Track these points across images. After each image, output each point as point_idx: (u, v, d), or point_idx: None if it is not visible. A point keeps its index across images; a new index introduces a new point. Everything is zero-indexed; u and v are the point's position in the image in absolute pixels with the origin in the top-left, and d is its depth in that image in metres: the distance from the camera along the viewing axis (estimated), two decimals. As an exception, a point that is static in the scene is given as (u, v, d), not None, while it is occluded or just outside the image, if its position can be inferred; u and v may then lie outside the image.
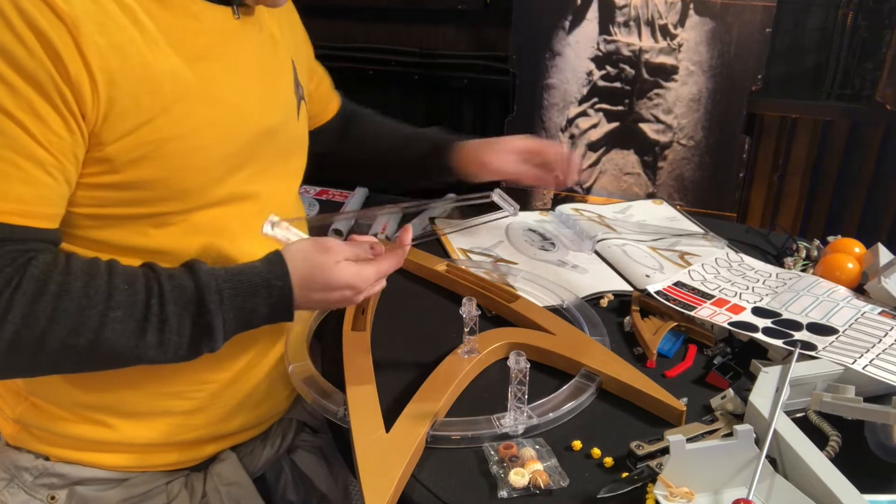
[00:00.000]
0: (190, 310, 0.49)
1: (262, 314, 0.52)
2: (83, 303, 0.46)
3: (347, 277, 0.53)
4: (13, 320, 0.44)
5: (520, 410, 0.52)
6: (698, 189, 1.37)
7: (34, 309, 0.45)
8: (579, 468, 0.49)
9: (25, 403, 0.57)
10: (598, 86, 1.44)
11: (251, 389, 0.62)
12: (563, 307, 0.69)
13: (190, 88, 0.50)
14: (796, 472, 0.46)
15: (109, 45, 0.45)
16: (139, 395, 0.57)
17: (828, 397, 0.50)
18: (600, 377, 0.56)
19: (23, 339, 0.45)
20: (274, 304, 0.52)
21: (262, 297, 0.51)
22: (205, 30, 0.52)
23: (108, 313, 0.46)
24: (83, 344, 0.46)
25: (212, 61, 0.52)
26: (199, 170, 0.52)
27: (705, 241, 0.85)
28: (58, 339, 0.45)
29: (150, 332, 0.48)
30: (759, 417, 0.50)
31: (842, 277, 0.71)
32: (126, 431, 0.57)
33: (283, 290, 0.52)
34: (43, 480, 0.58)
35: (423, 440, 0.50)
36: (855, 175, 1.28)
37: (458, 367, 0.57)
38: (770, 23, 1.23)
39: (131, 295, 0.48)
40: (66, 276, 0.47)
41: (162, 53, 0.49)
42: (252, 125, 0.56)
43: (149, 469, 0.60)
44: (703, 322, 0.66)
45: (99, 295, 0.47)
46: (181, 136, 0.50)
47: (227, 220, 0.56)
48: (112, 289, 0.47)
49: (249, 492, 0.64)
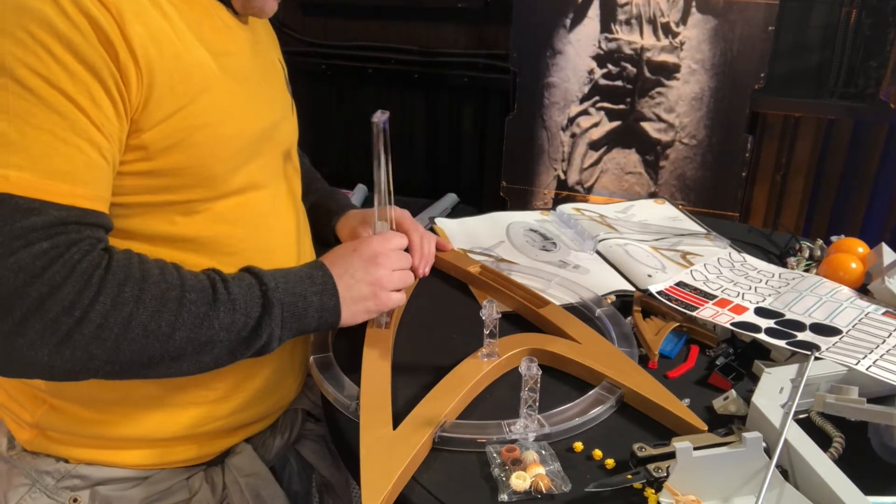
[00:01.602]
0: (253, 293, 0.52)
1: (312, 304, 0.55)
2: (162, 286, 0.48)
3: (375, 247, 0.60)
4: (104, 302, 0.44)
5: (531, 417, 0.51)
6: (700, 188, 1.36)
7: (122, 292, 0.45)
8: (582, 472, 0.49)
9: (45, 406, 0.57)
10: (599, 84, 1.43)
11: (264, 379, 0.63)
12: (595, 316, 0.68)
13: (215, 79, 0.53)
14: (807, 482, 0.45)
15: (148, 34, 0.47)
16: (161, 387, 0.57)
17: (831, 398, 0.50)
18: (622, 390, 0.55)
19: (109, 324, 0.45)
20: (320, 293, 0.55)
21: (307, 286, 0.55)
22: (218, 26, 0.55)
23: (185, 295, 0.48)
24: (164, 329, 0.47)
25: (227, 56, 0.55)
26: (221, 158, 0.54)
27: (708, 241, 0.85)
28: (141, 324, 0.46)
29: (223, 311, 0.50)
30: (763, 419, 0.49)
31: (845, 277, 0.71)
32: (148, 425, 0.57)
33: (325, 277, 0.56)
34: (65, 483, 0.58)
35: (429, 441, 0.50)
36: (859, 174, 1.28)
37: (474, 369, 0.57)
38: (773, 20, 1.23)
39: (199, 280, 0.50)
40: (143, 262, 0.48)
41: (190, 44, 0.51)
42: (259, 120, 0.59)
43: (169, 465, 0.60)
44: (706, 322, 0.65)
45: (174, 279, 0.49)
46: (209, 125, 0.52)
47: (244, 210, 0.58)
48: (184, 275, 0.50)
49: (268, 482, 0.64)
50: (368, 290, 0.58)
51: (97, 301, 0.44)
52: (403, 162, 1.88)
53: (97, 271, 0.45)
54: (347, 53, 1.60)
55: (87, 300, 0.44)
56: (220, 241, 0.56)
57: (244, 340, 0.51)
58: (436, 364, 0.59)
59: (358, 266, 0.58)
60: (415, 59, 1.56)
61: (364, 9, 1.56)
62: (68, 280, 0.43)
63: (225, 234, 0.56)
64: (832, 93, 1.27)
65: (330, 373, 0.59)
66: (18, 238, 0.42)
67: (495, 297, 0.70)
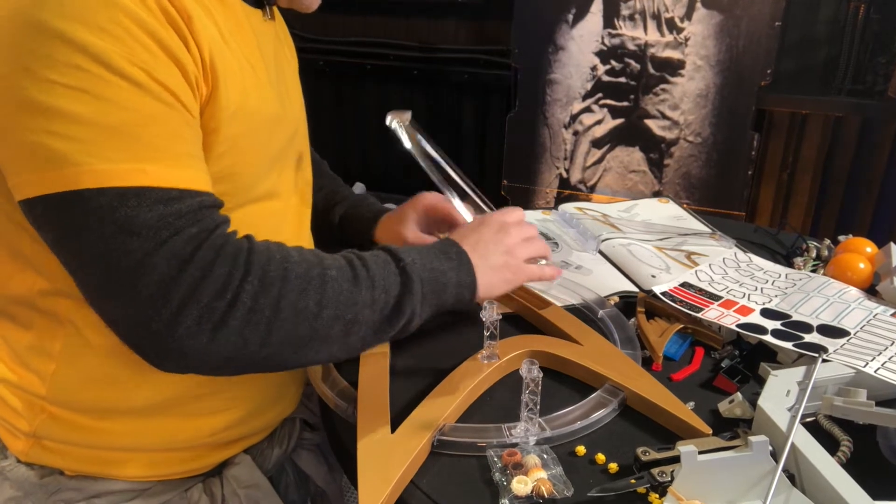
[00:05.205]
0: (390, 269, 0.51)
1: (451, 279, 0.54)
2: (304, 265, 0.47)
3: (500, 217, 0.59)
4: (252, 282, 0.44)
5: (532, 421, 0.51)
6: (705, 187, 1.35)
7: (268, 271, 0.45)
8: (584, 476, 0.48)
9: (43, 415, 0.56)
10: (602, 81, 1.42)
11: (266, 390, 0.62)
12: (598, 317, 0.68)
13: (255, 85, 0.52)
14: (814, 487, 0.45)
15: (207, 40, 0.47)
16: (163, 396, 0.56)
17: (839, 401, 0.49)
18: (625, 393, 0.55)
19: (260, 305, 0.44)
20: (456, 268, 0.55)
21: (443, 261, 0.54)
22: (253, 32, 0.55)
23: (327, 272, 0.48)
24: (312, 307, 0.46)
25: (260, 61, 0.55)
26: (256, 166, 0.54)
27: (713, 241, 0.84)
28: (290, 304, 0.45)
29: (364, 288, 0.49)
30: (769, 423, 0.49)
31: (853, 278, 0.70)
32: (147, 436, 0.57)
33: (460, 252, 0.56)
34: (60, 496, 0.57)
35: (427, 444, 0.49)
36: (867, 172, 1.26)
37: (474, 372, 0.56)
38: (780, 16, 1.21)
39: (336, 259, 0.50)
40: (277, 243, 0.48)
41: (234, 51, 0.51)
42: (286, 125, 0.59)
43: (166, 477, 0.59)
44: (711, 324, 0.65)
45: (313, 257, 0.49)
46: (252, 131, 0.52)
47: (258, 218, 0.57)
48: (318, 253, 0.50)
49: (268, 492, 0.64)
50: (502, 259, 0.58)
51: (246, 282, 0.44)
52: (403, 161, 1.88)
53: (241, 252, 0.45)
54: (346, 49, 1.59)
55: (236, 282, 0.44)
56: None
57: (387, 318, 0.50)
58: (435, 366, 0.59)
59: (489, 237, 0.58)
60: (414, 56, 1.56)
61: (363, 4, 1.55)
62: (216, 261, 0.43)
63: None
64: (840, 90, 1.26)
65: (327, 375, 0.58)
66: (166, 227, 0.43)
67: (496, 297, 0.69)
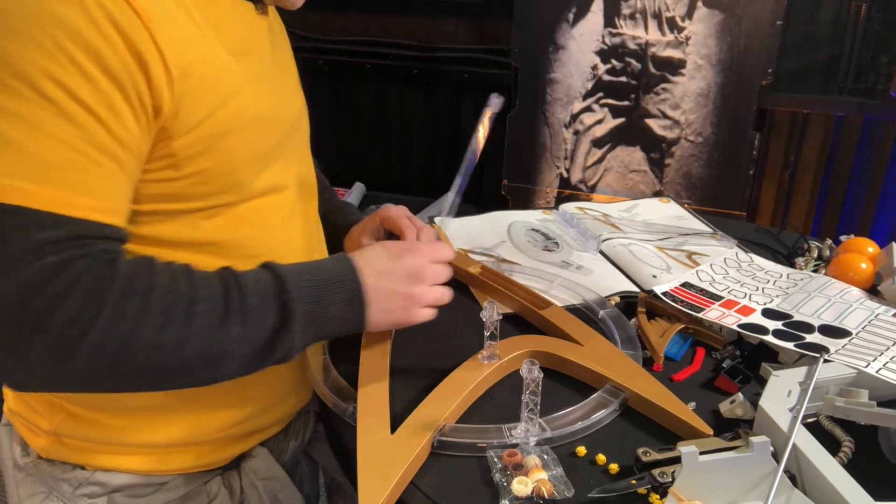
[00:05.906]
0: (269, 302, 0.49)
1: (337, 312, 0.51)
2: (168, 299, 0.46)
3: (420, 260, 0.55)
4: (105, 317, 0.43)
5: (532, 421, 0.50)
6: (706, 187, 1.35)
7: (124, 306, 0.44)
8: (585, 477, 0.48)
9: (62, 414, 0.56)
10: (603, 80, 1.41)
11: (283, 383, 0.63)
12: (599, 317, 0.67)
13: (241, 82, 0.52)
14: (815, 488, 0.44)
15: (178, 39, 0.46)
16: (181, 393, 0.56)
17: (840, 402, 0.49)
18: (626, 393, 0.54)
19: (111, 339, 0.44)
20: (348, 301, 0.52)
21: (336, 291, 0.51)
22: (239, 25, 0.54)
23: (194, 307, 0.46)
24: (170, 344, 0.45)
25: (250, 55, 0.54)
26: (247, 162, 0.54)
27: (714, 241, 0.84)
28: (145, 339, 0.45)
29: (234, 323, 0.47)
30: (770, 423, 0.49)
31: (855, 278, 0.70)
32: (166, 431, 0.57)
33: (355, 285, 0.52)
34: (83, 490, 0.57)
35: (427, 445, 0.49)
36: (869, 172, 1.26)
37: (475, 372, 0.56)
38: (781, 15, 1.21)
39: (211, 289, 0.48)
40: (152, 273, 0.47)
41: (215, 47, 0.50)
42: (282, 118, 0.58)
43: (186, 471, 0.60)
44: (712, 324, 0.64)
45: (183, 290, 0.47)
46: (237, 129, 0.51)
47: (264, 212, 0.57)
48: (194, 285, 0.48)
49: (286, 484, 0.64)
50: (401, 303, 0.54)
51: (99, 316, 0.43)
52: (402, 160, 1.88)
53: (100, 285, 0.44)
54: (345, 48, 1.59)
55: (87, 315, 0.43)
56: (241, 243, 0.56)
57: (259, 353, 0.49)
58: (435, 366, 0.59)
59: (397, 277, 0.54)
60: (414, 55, 1.55)
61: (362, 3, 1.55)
62: (70, 294, 0.43)
63: (246, 237, 0.56)
64: (841, 89, 1.25)
65: (327, 375, 0.58)
66: (32, 251, 0.42)
67: (496, 298, 0.69)
